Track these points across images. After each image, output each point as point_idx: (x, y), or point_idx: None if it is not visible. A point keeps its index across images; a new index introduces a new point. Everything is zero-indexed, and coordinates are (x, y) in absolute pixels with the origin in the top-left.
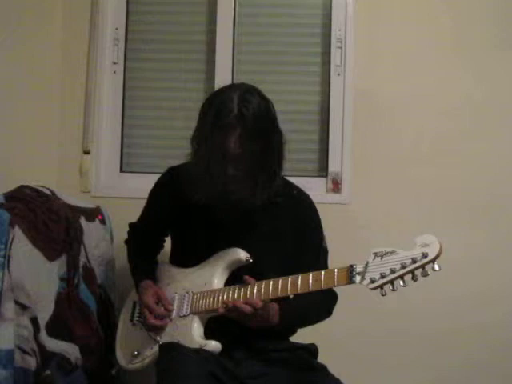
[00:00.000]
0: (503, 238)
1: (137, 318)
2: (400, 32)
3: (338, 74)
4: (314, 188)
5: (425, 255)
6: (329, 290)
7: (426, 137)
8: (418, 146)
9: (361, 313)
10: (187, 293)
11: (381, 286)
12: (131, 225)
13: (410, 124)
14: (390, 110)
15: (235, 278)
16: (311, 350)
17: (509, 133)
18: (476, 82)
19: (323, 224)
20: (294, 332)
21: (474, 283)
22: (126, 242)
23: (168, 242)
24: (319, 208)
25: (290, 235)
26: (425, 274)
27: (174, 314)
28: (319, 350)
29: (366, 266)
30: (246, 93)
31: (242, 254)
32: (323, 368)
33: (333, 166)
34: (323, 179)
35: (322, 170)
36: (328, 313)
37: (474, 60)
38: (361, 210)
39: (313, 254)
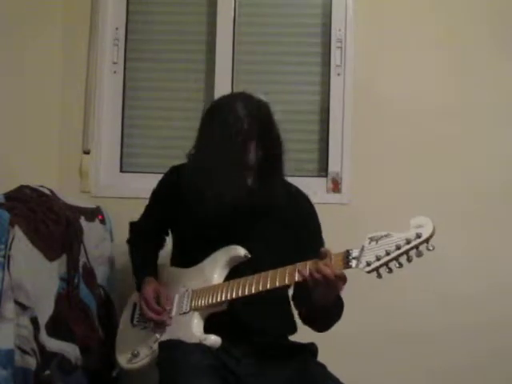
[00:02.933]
0: (503, 237)
1: (137, 319)
2: (400, 32)
3: (338, 74)
4: (314, 188)
5: (418, 235)
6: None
7: (426, 136)
8: (418, 146)
9: (360, 312)
10: (187, 290)
11: (377, 269)
12: (132, 223)
13: (409, 124)
14: (389, 109)
15: (235, 274)
16: (311, 349)
17: (509, 132)
18: (476, 81)
19: (323, 224)
20: (294, 331)
21: (474, 282)
22: (128, 241)
23: (169, 242)
24: (319, 208)
25: (291, 231)
26: (419, 255)
27: (174, 312)
28: (319, 349)
29: (362, 250)
30: (246, 99)
31: (241, 251)
32: (323, 367)
33: (333, 166)
34: (323, 179)
35: (322, 170)
36: (339, 317)
37: (473, 60)
38: (361, 209)
39: (313, 248)
